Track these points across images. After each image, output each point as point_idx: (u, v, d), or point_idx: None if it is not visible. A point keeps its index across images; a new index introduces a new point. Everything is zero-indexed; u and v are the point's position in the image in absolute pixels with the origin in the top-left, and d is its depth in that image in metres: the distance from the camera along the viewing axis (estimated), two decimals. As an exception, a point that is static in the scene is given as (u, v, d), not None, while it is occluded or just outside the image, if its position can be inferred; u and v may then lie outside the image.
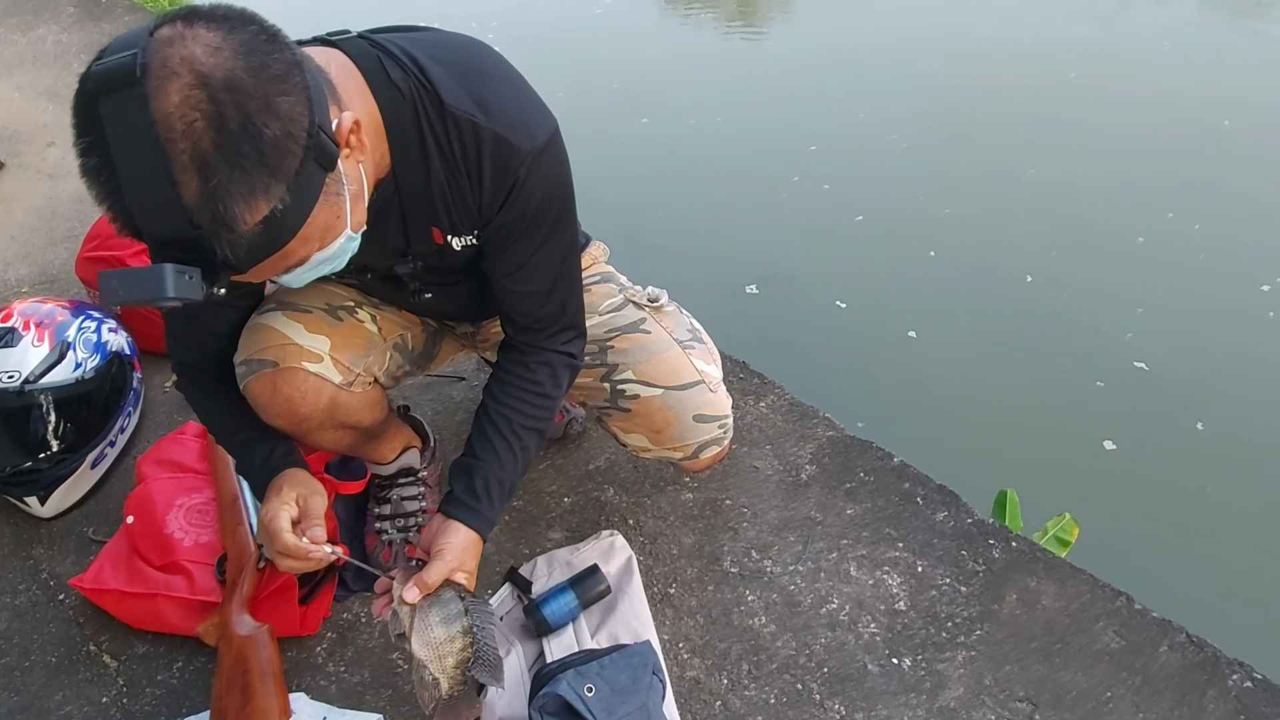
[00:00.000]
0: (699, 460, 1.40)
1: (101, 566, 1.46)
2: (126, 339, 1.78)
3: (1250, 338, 3.18)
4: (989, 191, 4.04)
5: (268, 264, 0.82)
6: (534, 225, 1.09)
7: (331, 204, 0.84)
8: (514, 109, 1.03)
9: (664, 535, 1.59)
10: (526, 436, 1.20)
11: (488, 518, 1.15)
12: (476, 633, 1.07)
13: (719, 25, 6.10)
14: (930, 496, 1.63)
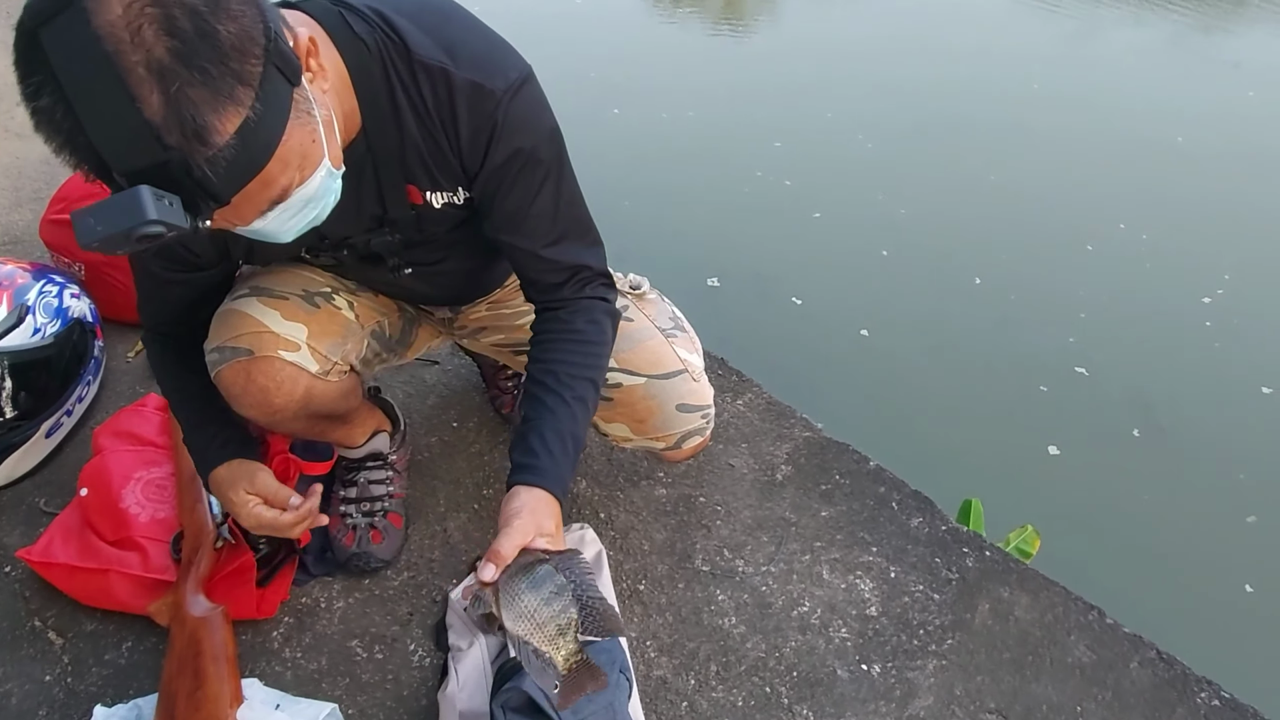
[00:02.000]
0: (681, 450, 1.37)
1: (51, 539, 1.41)
2: (89, 305, 1.72)
3: (1187, 347, 3.27)
4: (947, 195, 4.12)
5: (251, 192, 0.76)
6: (523, 171, 1.04)
7: (305, 125, 0.79)
8: (485, 54, 0.99)
9: (635, 530, 1.56)
10: (579, 386, 1.09)
11: (553, 472, 1.02)
12: (575, 590, 0.92)
13: (703, 23, 6.11)
14: (905, 502, 1.62)
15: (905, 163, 4.35)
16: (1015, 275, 3.59)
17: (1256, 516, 2.63)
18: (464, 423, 1.77)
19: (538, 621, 0.91)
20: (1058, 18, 5.88)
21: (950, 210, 4.00)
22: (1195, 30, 5.69)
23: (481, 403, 1.81)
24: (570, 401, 1.07)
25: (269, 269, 1.26)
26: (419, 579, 1.47)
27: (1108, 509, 2.63)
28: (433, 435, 1.74)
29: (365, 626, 1.39)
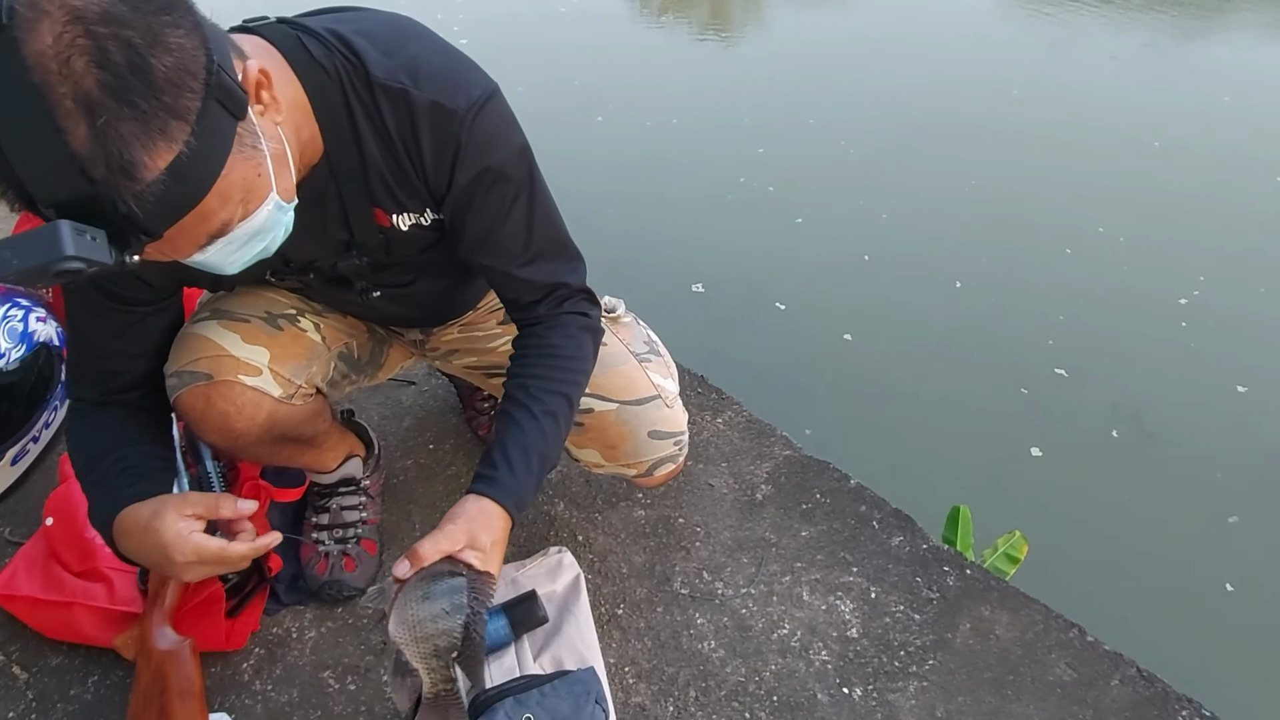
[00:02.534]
0: (653, 478, 1.36)
1: (15, 571, 1.38)
2: (56, 329, 1.68)
3: (1164, 348, 3.31)
4: (928, 200, 4.16)
5: (186, 226, 0.74)
6: (492, 191, 1.02)
7: (249, 159, 0.77)
8: (446, 73, 0.97)
9: (614, 553, 1.54)
10: (550, 400, 1.06)
11: (508, 485, 0.99)
12: (469, 616, 0.88)
13: (689, 30, 6.14)
14: (886, 520, 1.61)
15: (887, 168, 4.39)
16: (995, 278, 3.63)
17: (1236, 515, 2.66)
18: (440, 445, 1.75)
19: (418, 634, 0.88)
20: (1038, 26, 5.96)
21: (931, 215, 4.04)
22: (1172, 37, 5.79)
23: (459, 424, 1.79)
24: (539, 415, 1.05)
25: (233, 293, 1.24)
26: (394, 606, 1.44)
27: (1090, 510, 2.66)
28: (408, 458, 1.72)
29: (338, 657, 1.37)
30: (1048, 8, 6.17)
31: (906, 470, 2.68)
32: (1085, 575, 2.41)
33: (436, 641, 0.88)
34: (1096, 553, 2.52)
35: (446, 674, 0.89)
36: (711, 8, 6.62)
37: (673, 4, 6.61)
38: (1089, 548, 2.52)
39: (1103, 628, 1.45)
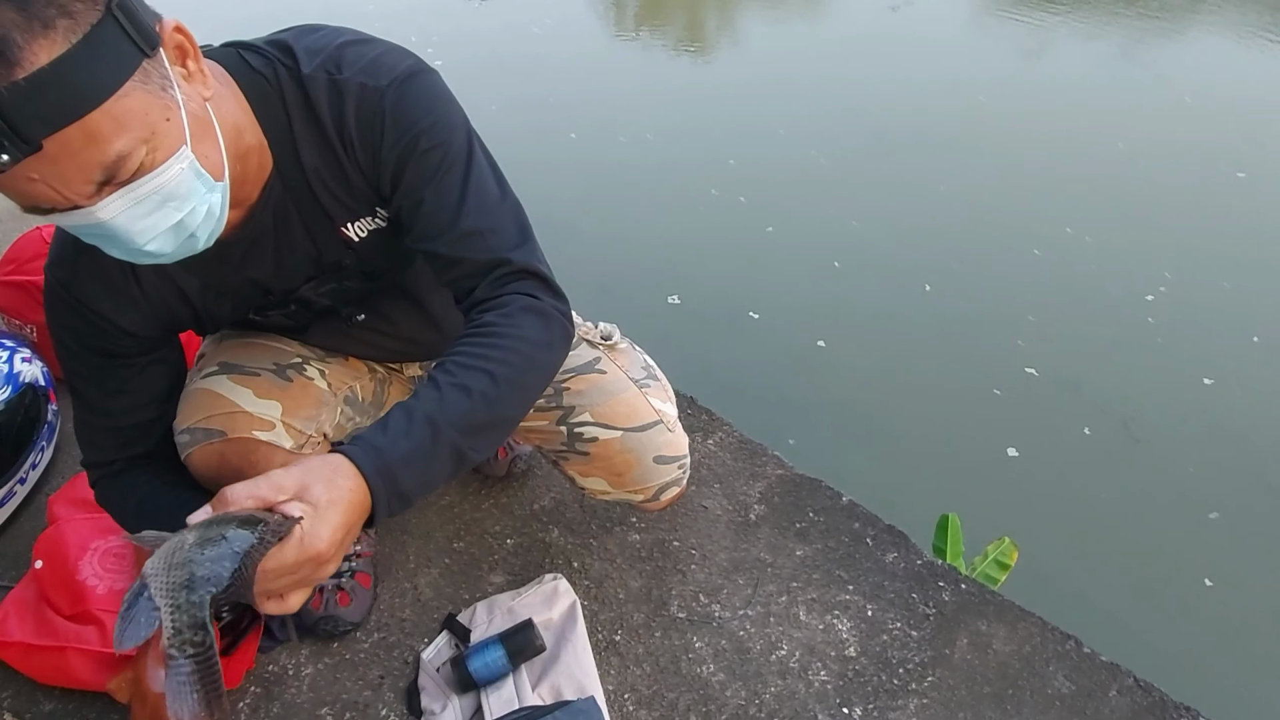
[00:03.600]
0: (659, 502, 1.36)
1: (6, 616, 1.36)
2: (42, 369, 1.67)
3: (1131, 343, 3.37)
4: (897, 206, 4.22)
5: (72, 145, 0.70)
6: (421, 158, 0.95)
7: (156, 98, 0.75)
8: (373, 58, 0.95)
9: (610, 578, 1.54)
10: (463, 374, 0.89)
11: (373, 444, 0.81)
12: (247, 558, 0.69)
13: (665, 47, 6.20)
14: (880, 537, 1.61)
15: (856, 175, 4.46)
16: (964, 281, 3.68)
17: (1215, 510, 2.71)
18: (432, 474, 1.74)
19: (172, 561, 0.69)
20: (1009, 34, 6.07)
21: (900, 220, 4.10)
22: (1136, 41, 5.91)
23: (450, 453, 1.78)
24: (443, 387, 0.87)
25: (235, 341, 1.23)
26: (389, 640, 1.43)
27: (1070, 509, 2.70)
28: (401, 488, 1.71)
29: (336, 693, 1.36)
30: (1019, 14, 6.27)
31: (886, 476, 2.73)
32: (1072, 577, 2.44)
33: (194, 572, 0.68)
34: (1081, 552, 2.55)
35: (196, 620, 0.67)
36: (687, 24, 6.69)
37: (648, 20, 6.68)
38: (1073, 548, 2.56)
39: (1096, 631, 1.47)
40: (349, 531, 0.76)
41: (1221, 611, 2.39)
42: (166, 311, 1.04)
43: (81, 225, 0.77)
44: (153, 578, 0.68)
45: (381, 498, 0.79)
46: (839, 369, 3.23)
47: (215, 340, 1.26)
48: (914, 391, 3.14)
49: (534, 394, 0.96)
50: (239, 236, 0.98)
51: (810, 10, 6.63)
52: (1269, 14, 6.12)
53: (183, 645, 0.67)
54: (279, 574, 0.72)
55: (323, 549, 0.73)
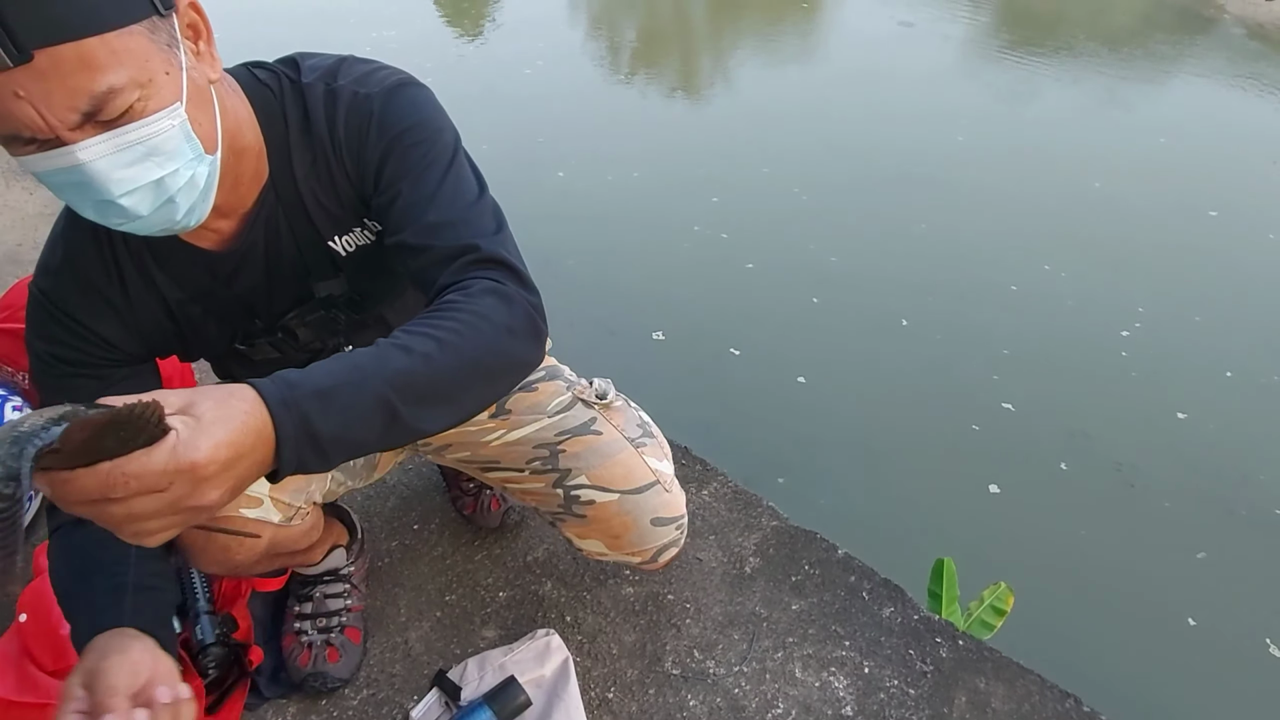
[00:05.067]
0: (657, 563, 1.35)
1: (-13, 672, 1.33)
2: (33, 418, 1.66)
3: (1107, 379, 3.41)
4: (876, 243, 4.27)
5: (64, 65, 0.70)
6: (405, 154, 0.95)
7: (160, 51, 0.76)
8: (373, 70, 0.99)
9: (604, 633, 1.52)
10: (408, 338, 0.79)
11: (285, 376, 0.71)
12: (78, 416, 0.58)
13: (656, 91, 6.30)
14: (876, 591, 1.60)
15: (836, 214, 4.51)
16: (940, 316, 3.72)
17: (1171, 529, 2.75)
18: (425, 524, 1.73)
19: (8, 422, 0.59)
20: (993, 80, 6.20)
21: (879, 257, 4.16)
22: (1116, 87, 6.03)
23: (443, 503, 1.77)
24: (383, 346, 0.78)
25: None
26: (379, 696, 1.41)
27: (1050, 546, 2.71)
28: (393, 539, 1.69)
29: (322, 752, 1.33)
30: (1002, 59, 6.40)
31: (871, 513, 2.76)
32: (1060, 619, 2.45)
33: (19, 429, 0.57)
34: (1067, 592, 2.56)
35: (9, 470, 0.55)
36: (681, 69, 6.80)
37: (643, 65, 6.80)
38: (1058, 587, 2.56)
39: (1095, 686, 1.45)
40: (238, 455, 0.64)
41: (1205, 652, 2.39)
42: (150, 325, 1.02)
43: (59, 169, 0.75)
44: None
45: (288, 434, 0.68)
46: (820, 405, 3.25)
47: None
48: (894, 426, 3.17)
49: (491, 378, 0.85)
50: (231, 248, 0.99)
51: (800, 55, 6.75)
52: (1249, 63, 6.25)
53: None
54: (145, 482, 0.60)
55: (200, 460, 0.61)
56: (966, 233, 4.31)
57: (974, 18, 7.32)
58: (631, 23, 8.02)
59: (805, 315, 3.74)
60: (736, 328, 3.64)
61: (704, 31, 7.64)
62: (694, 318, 3.69)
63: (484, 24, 7.47)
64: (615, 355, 3.51)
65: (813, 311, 3.76)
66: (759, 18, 7.61)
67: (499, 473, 1.37)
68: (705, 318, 3.71)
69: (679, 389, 3.25)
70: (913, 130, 5.36)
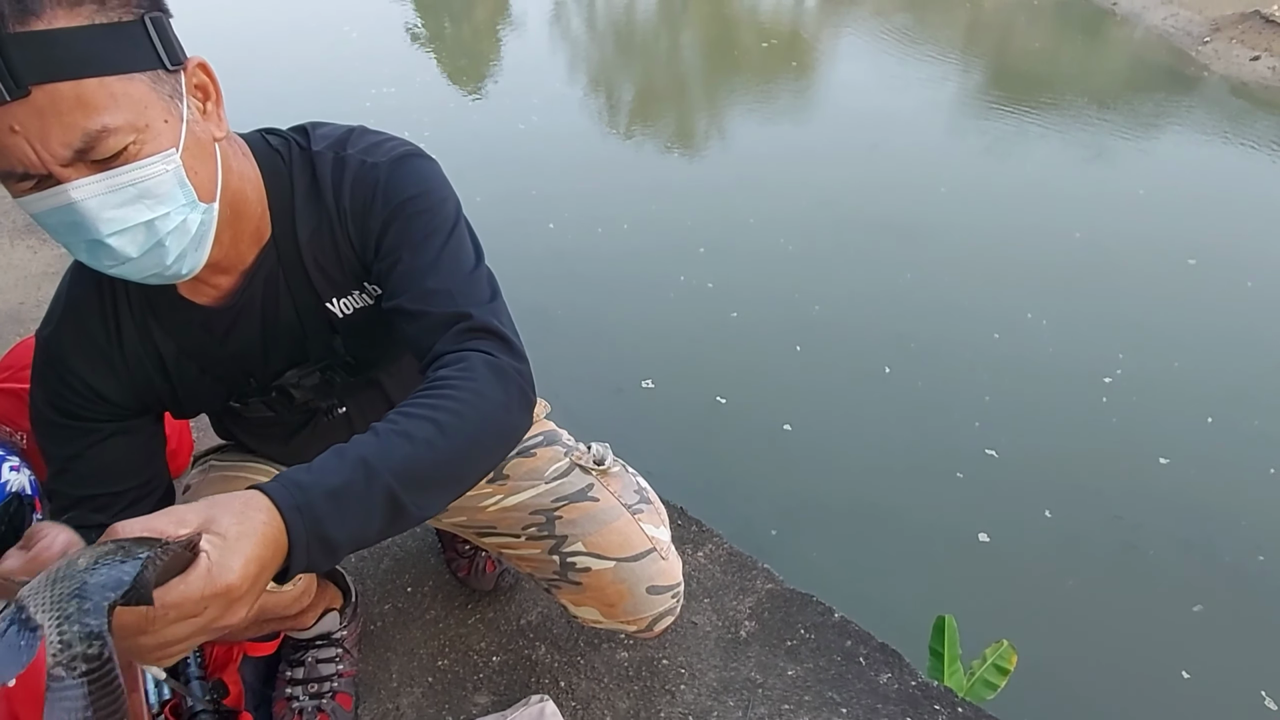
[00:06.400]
0: (652, 631, 1.34)
1: (-28, 739, 1.32)
2: (29, 477, 1.66)
3: (1087, 425, 3.45)
4: (859, 290, 4.34)
5: (61, 102, 0.73)
6: (408, 223, 0.98)
7: (162, 101, 0.79)
8: (379, 141, 1.03)
9: (598, 699, 1.50)
10: (409, 423, 0.81)
11: (293, 480, 0.73)
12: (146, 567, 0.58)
13: (649, 146, 6.42)
14: (873, 656, 1.58)
15: (821, 263, 4.59)
16: (923, 364, 3.76)
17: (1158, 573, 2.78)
18: (419, 587, 1.72)
19: (62, 577, 0.57)
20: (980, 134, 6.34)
21: (862, 306, 4.22)
22: (1097, 142, 6.15)
23: (437, 565, 1.76)
24: (383, 434, 0.80)
25: (220, 474, 1.23)
26: (369, 764, 1.39)
27: (1045, 598, 2.73)
28: (386, 602, 1.68)
29: (310, 823, 1.31)
30: (992, 118, 6.55)
31: (859, 566, 2.76)
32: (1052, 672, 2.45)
33: (86, 580, 0.57)
34: (1059, 645, 2.56)
35: (90, 629, 0.55)
36: (670, 125, 6.94)
37: (634, 121, 6.94)
38: (1050, 638, 2.56)
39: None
40: (263, 569, 0.67)
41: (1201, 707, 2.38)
42: (144, 381, 1.04)
43: (53, 208, 0.78)
44: (31, 597, 0.56)
45: (300, 539, 0.70)
46: (807, 453, 3.28)
47: (203, 472, 1.26)
48: (880, 473, 3.19)
49: (488, 456, 0.88)
50: (228, 304, 1.01)
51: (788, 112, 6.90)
52: (1230, 118, 6.40)
53: (73, 661, 0.54)
54: (184, 610, 0.62)
55: (234, 581, 0.64)
56: (949, 282, 4.38)
57: (964, 76, 7.49)
58: (625, 81, 8.21)
59: (789, 363, 3.79)
60: (723, 376, 3.69)
61: (694, 88, 7.82)
62: (681, 366, 3.75)
63: (482, 83, 7.64)
64: (605, 403, 3.55)
65: (797, 359, 3.81)
66: (748, 75, 7.79)
67: (495, 538, 1.37)
68: (692, 366, 3.76)
69: (668, 438, 3.28)
70: (898, 183, 5.46)
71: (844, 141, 6.19)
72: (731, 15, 9.93)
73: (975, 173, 5.71)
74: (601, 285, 4.36)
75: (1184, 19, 7.82)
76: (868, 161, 5.79)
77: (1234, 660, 2.52)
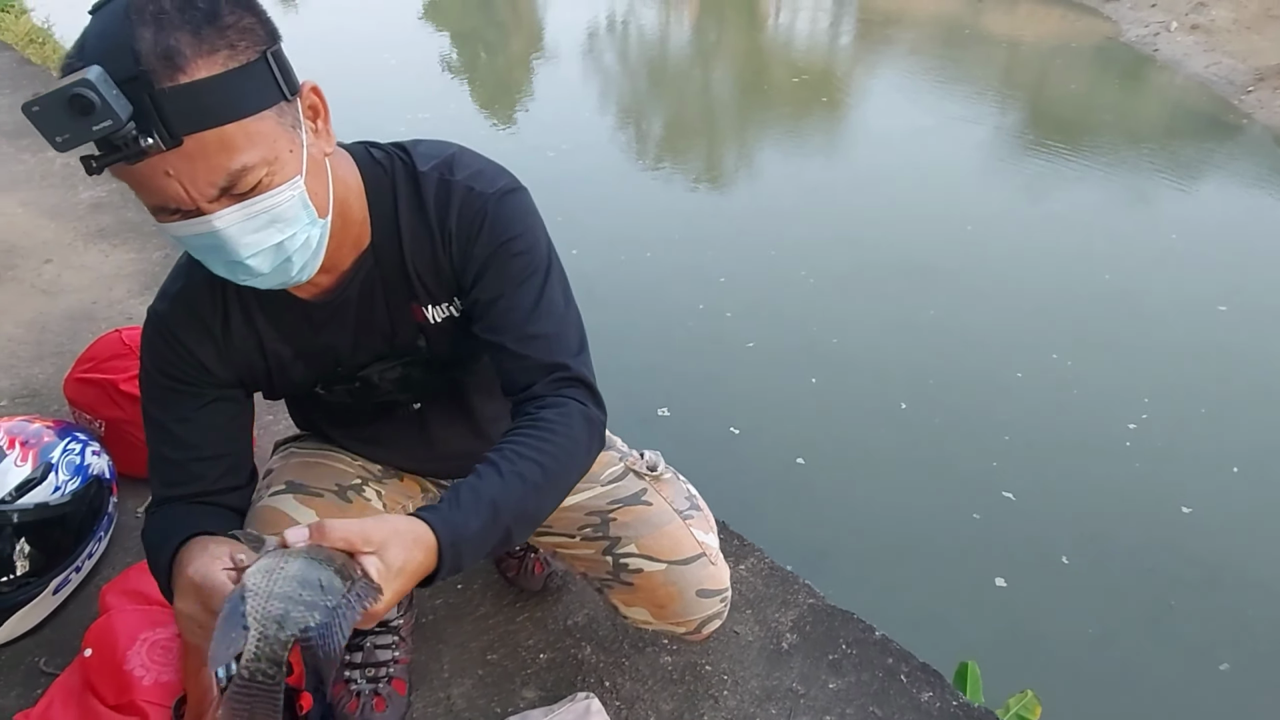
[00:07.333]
0: (700, 634, 1.39)
1: (51, 702, 1.39)
2: (108, 463, 1.75)
3: (1108, 470, 3.38)
4: (879, 326, 4.30)
5: (207, 147, 0.82)
6: (508, 264, 1.08)
7: (286, 133, 0.88)
8: (482, 168, 1.11)
9: (641, 700, 1.54)
10: (521, 463, 0.97)
11: (449, 518, 0.88)
12: (336, 615, 0.73)
13: (677, 176, 6.49)
14: (914, 675, 1.61)
15: (842, 296, 4.56)
16: (940, 401, 3.71)
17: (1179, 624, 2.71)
18: (469, 585, 1.77)
19: (274, 590, 0.73)
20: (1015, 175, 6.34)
21: (880, 341, 4.18)
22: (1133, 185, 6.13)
23: (487, 565, 1.81)
24: (505, 473, 0.95)
25: (301, 460, 1.31)
26: (421, 750, 1.44)
27: (1064, 648, 2.66)
28: (438, 597, 1.74)
29: (366, 801, 1.35)
30: (1027, 159, 6.54)
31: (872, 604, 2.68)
32: None
33: (288, 608, 0.72)
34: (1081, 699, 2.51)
35: (276, 655, 0.72)
36: (698, 156, 7.02)
37: (662, 152, 7.03)
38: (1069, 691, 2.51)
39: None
40: (400, 596, 0.83)
41: None
42: (243, 362, 1.13)
43: (197, 234, 0.88)
44: (252, 595, 0.73)
45: (444, 569, 0.87)
46: (817, 488, 3.25)
47: (284, 458, 1.34)
48: (893, 511, 3.15)
49: (566, 492, 1.06)
50: (325, 300, 1.10)
51: (818, 148, 6.97)
52: (1269, 166, 6.35)
53: (254, 671, 0.72)
54: None
55: (379, 609, 0.79)
56: (972, 319, 4.35)
57: (999, 116, 7.51)
58: (654, 111, 8.30)
59: (805, 396, 3.78)
60: (737, 406, 3.68)
61: (722, 121, 7.89)
62: (696, 395, 3.75)
63: (513, 111, 7.79)
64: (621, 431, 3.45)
65: (812, 392, 3.79)
66: (778, 110, 7.87)
67: (551, 537, 1.42)
68: (707, 396, 3.76)
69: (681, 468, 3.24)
70: (925, 219, 5.44)
71: (871, 177, 6.20)
72: (764, 50, 10.03)
73: (1005, 212, 5.68)
74: (621, 310, 4.38)
75: (1227, 67, 7.80)
76: (894, 197, 5.78)
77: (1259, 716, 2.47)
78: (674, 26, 10.95)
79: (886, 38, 9.94)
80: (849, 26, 10.82)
